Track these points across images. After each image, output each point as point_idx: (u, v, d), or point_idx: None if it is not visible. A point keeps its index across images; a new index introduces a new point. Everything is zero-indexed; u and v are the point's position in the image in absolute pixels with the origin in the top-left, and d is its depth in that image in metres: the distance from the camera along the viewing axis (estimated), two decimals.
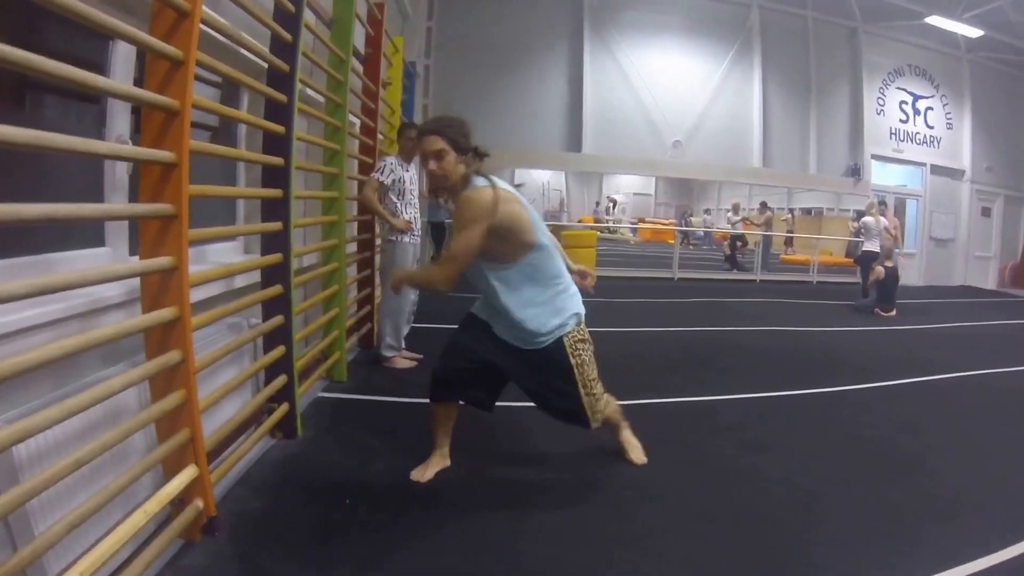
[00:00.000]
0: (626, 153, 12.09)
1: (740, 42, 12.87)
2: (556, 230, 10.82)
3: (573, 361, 2.56)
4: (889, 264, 9.59)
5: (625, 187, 16.23)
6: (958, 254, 14.86)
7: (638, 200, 16.32)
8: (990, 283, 15.42)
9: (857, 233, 10.94)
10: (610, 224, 15.29)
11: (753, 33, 12.96)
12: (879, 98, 13.87)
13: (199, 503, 2.20)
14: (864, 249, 10.32)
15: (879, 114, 13.82)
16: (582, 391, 2.60)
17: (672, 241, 15.09)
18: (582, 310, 2.65)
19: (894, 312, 9.39)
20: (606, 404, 2.80)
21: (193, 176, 2.06)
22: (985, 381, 5.45)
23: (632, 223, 15.56)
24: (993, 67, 15.12)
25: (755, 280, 12.56)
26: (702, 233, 15.86)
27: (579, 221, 14.66)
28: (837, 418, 4.18)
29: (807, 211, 15.90)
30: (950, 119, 14.65)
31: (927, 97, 14.38)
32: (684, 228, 14.41)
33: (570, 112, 12.14)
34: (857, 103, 13.69)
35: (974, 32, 13.48)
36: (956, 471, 3.36)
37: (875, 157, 13.73)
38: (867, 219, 10.48)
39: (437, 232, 10.52)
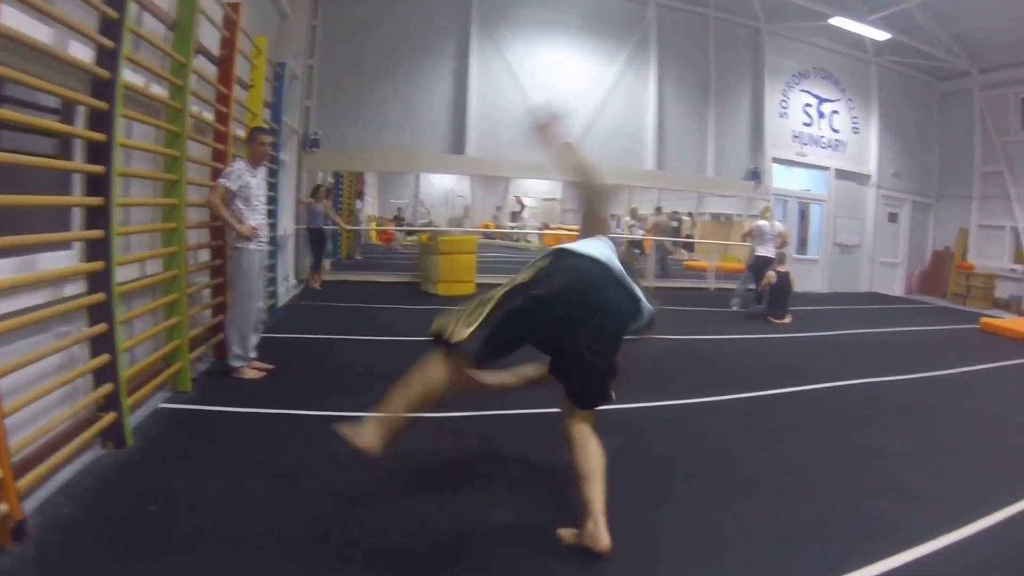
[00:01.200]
0: (513, 155, 11.39)
1: (636, 40, 12.20)
2: (435, 236, 10.21)
3: None
4: (782, 269, 9.15)
5: (533, 191, 15.51)
6: (864, 260, 14.36)
7: (545, 206, 15.60)
8: (897, 290, 14.96)
9: (748, 237, 10.45)
10: (511, 229, 14.59)
11: (650, 31, 12.28)
12: (782, 100, 13.30)
13: (4, 507, 2.22)
14: (757, 254, 9.82)
15: (782, 116, 13.25)
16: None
17: None
18: None
19: (788, 319, 9.00)
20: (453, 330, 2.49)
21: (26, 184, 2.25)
22: (871, 390, 5.32)
23: (537, 229, 14.88)
24: (901, 71, 14.64)
25: (649, 287, 12.03)
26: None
27: (482, 227, 14.00)
28: (697, 431, 4.04)
29: (716, 216, 15.33)
30: (856, 123, 14.13)
31: (833, 100, 13.84)
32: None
33: (455, 113, 11.39)
34: (759, 105, 13.11)
35: (881, 35, 12.97)
36: (800, 489, 3.22)
37: (777, 160, 13.15)
38: (760, 223, 10.00)
39: (316, 239, 9.79)
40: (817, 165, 13.59)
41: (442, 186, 14.90)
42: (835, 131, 13.80)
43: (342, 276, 10.96)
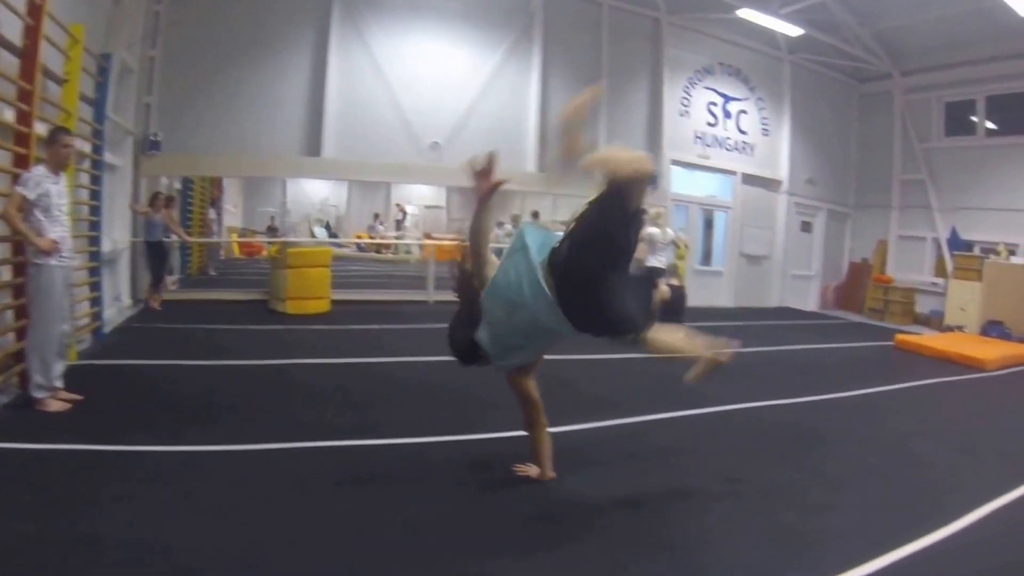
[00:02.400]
0: (375, 157, 10.04)
1: (519, 30, 10.91)
2: (283, 248, 8.74)
3: None
4: (676, 283, 8.02)
5: (417, 198, 14.12)
6: (774, 272, 13.15)
7: (429, 214, 14.20)
8: (811, 305, 13.78)
9: None
10: (387, 240, 13.16)
11: (535, 20, 10.97)
12: (684, 98, 12.07)
13: None
14: (649, 265, 8.63)
15: (683, 116, 12.02)
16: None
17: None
18: None
19: None
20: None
21: None
22: (762, 416, 4.92)
23: (418, 240, 13.50)
24: (817, 70, 13.50)
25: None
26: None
27: (356, 238, 12.61)
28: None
29: None
30: (767, 124, 12.95)
31: (740, 99, 12.64)
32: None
33: (311, 111, 9.94)
34: (656, 102, 11.86)
35: (794, 30, 11.83)
36: (656, 535, 2.87)
37: (676, 163, 11.91)
38: (651, 230, 8.79)
39: (155, 253, 8.33)
40: (722, 169, 12.39)
41: (317, 193, 13.46)
42: (742, 132, 12.61)
43: (188, 295, 9.47)
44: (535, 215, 11.96)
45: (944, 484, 3.76)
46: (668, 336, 2.96)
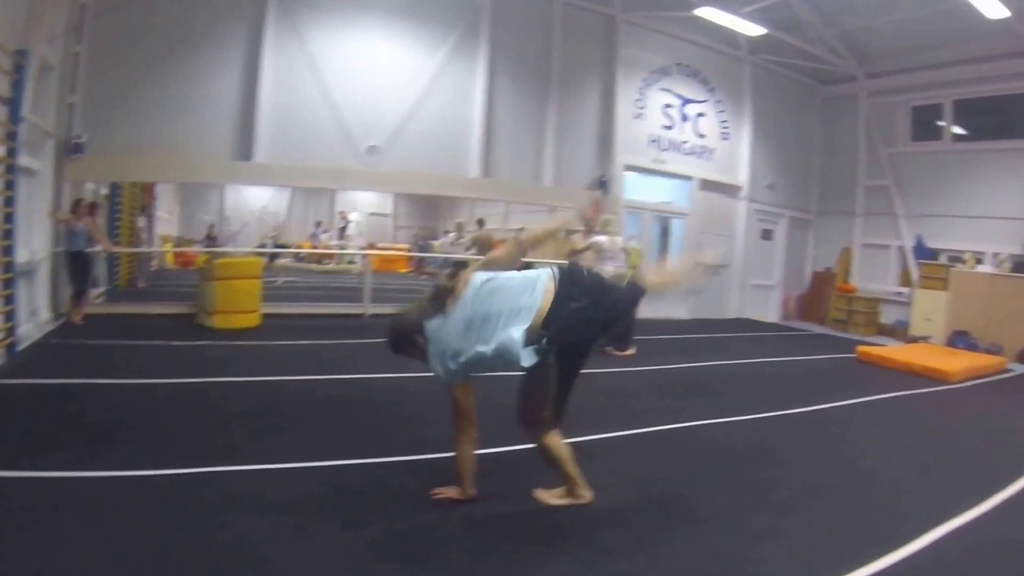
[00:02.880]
0: (309, 161, 9.36)
1: (465, 27, 10.28)
2: (211, 258, 8.01)
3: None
4: None
5: (362, 205, 13.43)
6: (733, 282, 12.59)
7: (374, 222, 13.51)
8: (772, 316, 13.27)
9: (571, 254, 8.59)
10: (329, 250, 12.48)
11: (482, 17, 10.32)
12: (638, 100, 11.48)
13: None
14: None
15: (637, 118, 11.44)
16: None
17: (405, 270, 12.67)
18: None
19: (631, 351, 7.38)
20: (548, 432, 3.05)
21: None
22: (704, 433, 4.72)
23: (362, 249, 12.82)
24: (779, 72, 12.98)
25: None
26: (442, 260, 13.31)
27: (297, 247, 11.93)
28: (497, 482, 3.30)
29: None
30: (726, 128, 12.40)
31: (699, 102, 12.07)
32: (420, 254, 11.81)
33: (243, 112, 9.24)
34: (609, 104, 11.27)
35: (755, 30, 11.26)
36: (515, 560, 2.67)
37: (630, 168, 11.32)
38: (599, 238, 8.22)
39: (77, 264, 7.61)
40: (679, 174, 11.82)
41: (257, 199, 12.74)
42: (701, 136, 12.05)
43: (113, 308, 8.76)
44: (480, 223, 11.39)
45: (898, 504, 3.56)
46: (560, 448, 3.03)
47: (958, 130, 12.37)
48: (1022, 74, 11.01)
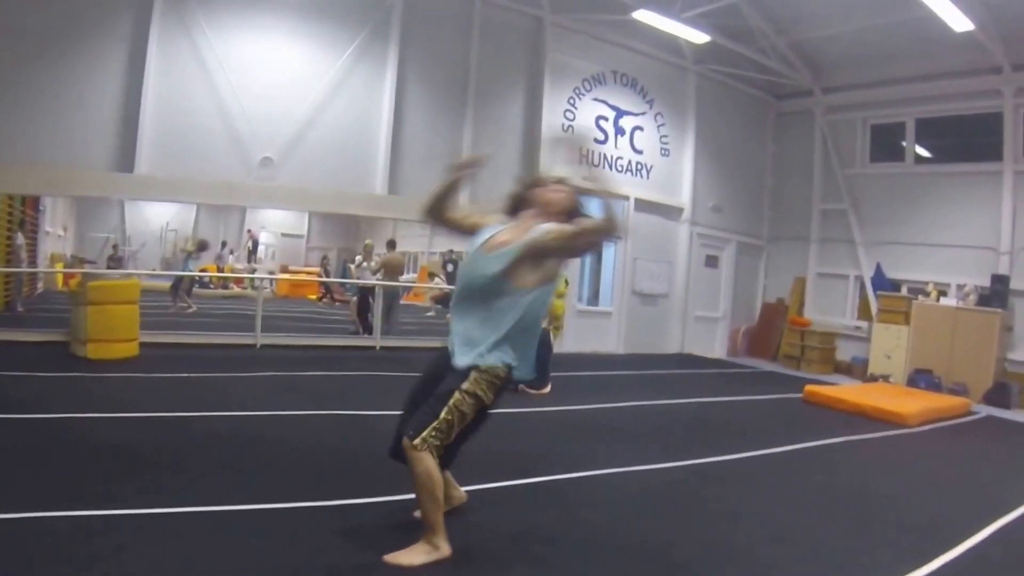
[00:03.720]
0: (196, 175, 8.15)
1: (373, 26, 9.08)
2: (84, 280, 7.13)
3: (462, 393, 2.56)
4: (543, 324, 6.19)
5: (273, 224, 12.18)
6: (673, 314, 11.37)
7: (287, 243, 12.26)
8: (717, 351, 12.07)
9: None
10: (238, 274, 11.20)
11: (393, 15, 9.14)
12: (568, 110, 10.33)
13: None
14: None
15: (566, 131, 10.31)
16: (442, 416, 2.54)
17: (314, 296, 11.47)
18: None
19: (547, 389, 6.83)
20: (434, 459, 2.58)
21: None
22: (609, 483, 4.08)
23: (271, 273, 11.55)
24: (728, 83, 11.89)
25: (375, 347, 9.01)
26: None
27: (201, 270, 10.66)
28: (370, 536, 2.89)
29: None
30: (666, 143, 11.24)
31: (636, 114, 10.93)
32: (328, 279, 10.57)
33: (125, 118, 8.02)
34: (535, 115, 10.12)
35: (698, 37, 10.20)
36: None
37: None
38: None
39: None
40: (612, 193, 10.65)
41: (159, 217, 11.44)
42: (637, 152, 10.89)
43: None
44: (391, 244, 10.16)
45: (823, 570, 3.05)
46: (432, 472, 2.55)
47: (921, 151, 11.38)
48: (989, 92, 10.09)
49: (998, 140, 10.08)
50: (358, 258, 10.01)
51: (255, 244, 11.66)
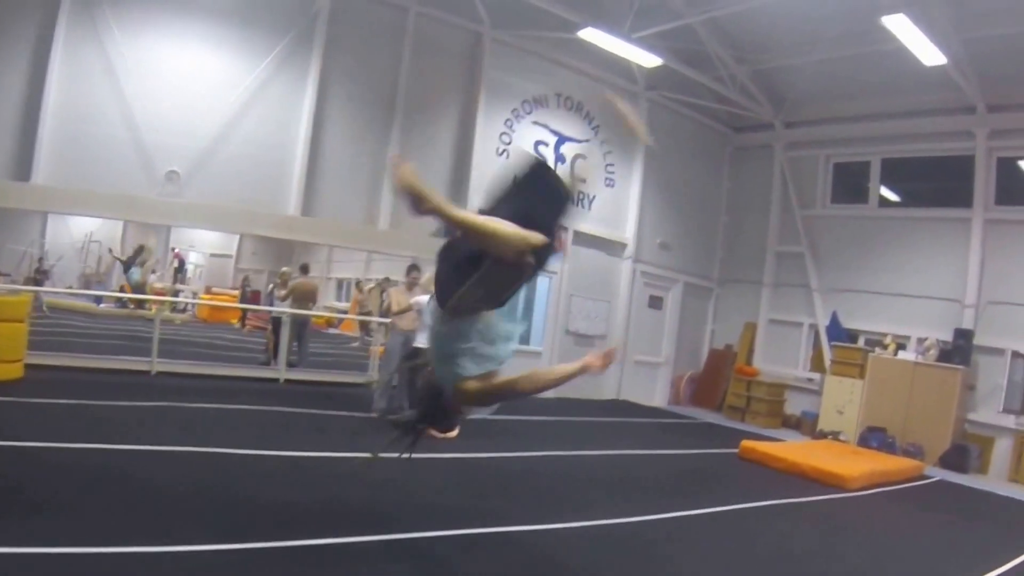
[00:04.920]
0: (97, 187, 7.38)
1: (295, 35, 8.30)
2: None
3: None
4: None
5: (201, 244, 11.40)
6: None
7: (215, 263, 11.48)
8: (658, 399, 11.26)
9: (388, 313, 7.09)
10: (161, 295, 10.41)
11: (318, 23, 8.39)
12: (504, 133, 9.55)
13: None
14: (419, 345, 6.29)
15: (501, 155, 9.54)
16: None
17: (235, 322, 10.72)
18: None
19: (454, 433, 5.97)
20: None
21: None
22: (496, 542, 3.80)
23: (196, 295, 10.78)
24: (683, 113, 11.19)
25: (278, 380, 8.27)
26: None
27: (120, 289, 9.91)
28: None
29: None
30: (611, 174, 10.51)
31: (579, 141, 10.19)
32: (246, 306, 9.80)
33: (24, 123, 7.30)
34: (467, 135, 9.35)
35: (650, 60, 9.49)
36: None
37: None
38: (421, 299, 6.49)
39: None
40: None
41: (81, 229, 10.63)
42: (580, 181, 10.16)
43: None
44: (304, 269, 9.36)
45: None
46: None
47: (886, 193, 10.72)
48: (961, 133, 9.50)
49: (968, 185, 9.47)
50: (272, 285, 9.23)
51: (182, 263, 10.85)
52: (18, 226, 11.12)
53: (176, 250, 11.04)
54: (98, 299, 10.10)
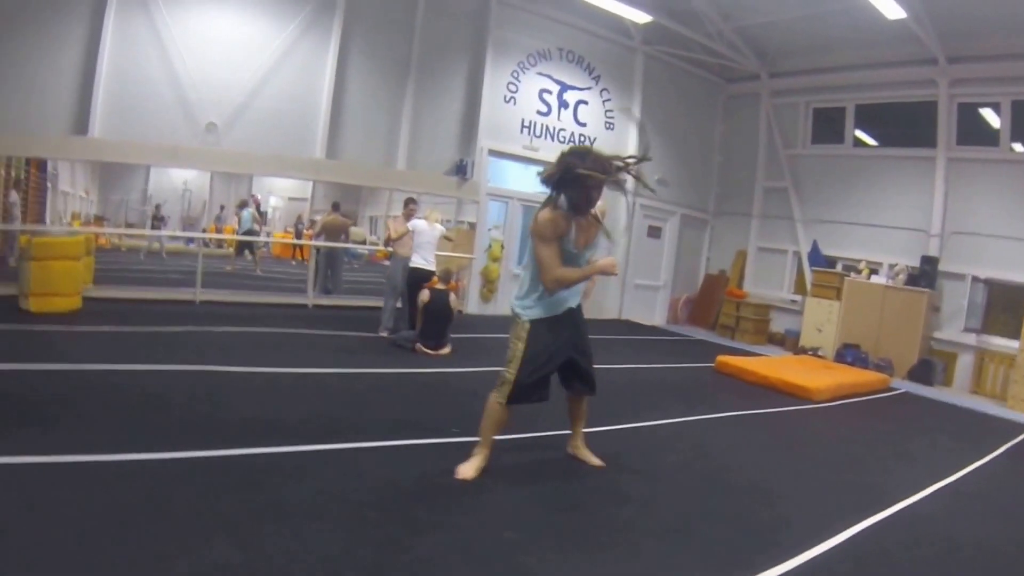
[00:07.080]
0: (145, 137, 8.57)
1: (319, 0, 9.50)
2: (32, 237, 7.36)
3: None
4: (441, 286, 6.74)
5: (280, 189, 12.64)
6: (613, 281, 11.77)
7: (292, 207, 12.73)
8: (657, 319, 12.36)
9: (388, 242, 7.82)
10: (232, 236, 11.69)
11: None
12: (511, 83, 10.61)
13: None
14: (412, 266, 7.24)
15: (508, 102, 10.58)
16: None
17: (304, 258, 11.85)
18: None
19: (446, 350, 6.83)
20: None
21: None
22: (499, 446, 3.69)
23: (269, 236, 12.05)
24: (677, 65, 12.11)
25: (307, 305, 9.28)
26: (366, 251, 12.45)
27: (203, 231, 11.19)
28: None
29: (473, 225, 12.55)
30: (611, 118, 11.59)
31: (581, 89, 11.25)
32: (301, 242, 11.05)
33: (83, 84, 8.47)
34: (476, 86, 10.42)
35: (641, 16, 10.50)
36: None
37: (495, 153, 10.45)
38: (416, 222, 7.37)
39: None
40: (551, 162, 10.95)
41: (178, 178, 11.98)
42: (581, 124, 11.15)
43: None
44: (336, 207, 10.57)
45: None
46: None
47: (860, 135, 11.50)
48: (923, 82, 10.18)
49: (932, 128, 10.19)
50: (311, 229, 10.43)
51: (257, 207, 12.07)
52: (126, 180, 12.51)
53: (257, 196, 12.31)
54: (189, 240, 11.03)
